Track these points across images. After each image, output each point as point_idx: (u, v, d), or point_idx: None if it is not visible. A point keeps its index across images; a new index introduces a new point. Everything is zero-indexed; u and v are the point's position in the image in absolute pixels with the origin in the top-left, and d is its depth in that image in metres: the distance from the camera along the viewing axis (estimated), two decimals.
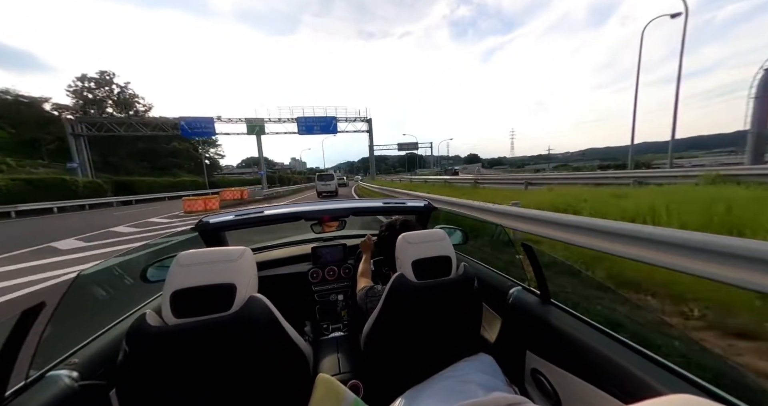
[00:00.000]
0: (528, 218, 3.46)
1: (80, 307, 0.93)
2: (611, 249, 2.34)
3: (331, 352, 1.25)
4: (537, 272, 0.96)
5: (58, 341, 0.79)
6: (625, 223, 2.37)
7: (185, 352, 0.69)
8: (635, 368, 0.67)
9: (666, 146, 12.89)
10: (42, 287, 3.88)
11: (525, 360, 0.96)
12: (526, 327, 0.99)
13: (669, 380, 0.62)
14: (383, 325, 0.92)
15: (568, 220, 2.85)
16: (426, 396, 0.78)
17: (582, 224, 2.66)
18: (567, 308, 0.94)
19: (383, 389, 0.89)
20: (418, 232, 1.00)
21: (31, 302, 0.61)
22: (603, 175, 10.28)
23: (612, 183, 8.87)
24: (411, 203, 1.60)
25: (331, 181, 20.45)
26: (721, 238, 1.75)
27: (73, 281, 0.84)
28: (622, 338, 0.77)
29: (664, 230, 2.04)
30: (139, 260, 1.20)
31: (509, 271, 1.29)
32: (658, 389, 0.61)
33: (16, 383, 0.66)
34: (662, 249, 2.00)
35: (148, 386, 0.69)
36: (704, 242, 1.78)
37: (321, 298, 1.67)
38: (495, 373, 0.88)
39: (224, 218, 1.33)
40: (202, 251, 0.77)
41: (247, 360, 0.74)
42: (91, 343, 0.87)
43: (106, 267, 1.08)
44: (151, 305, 1.11)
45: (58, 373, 0.73)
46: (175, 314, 0.70)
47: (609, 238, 2.37)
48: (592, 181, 9.72)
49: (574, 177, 11.32)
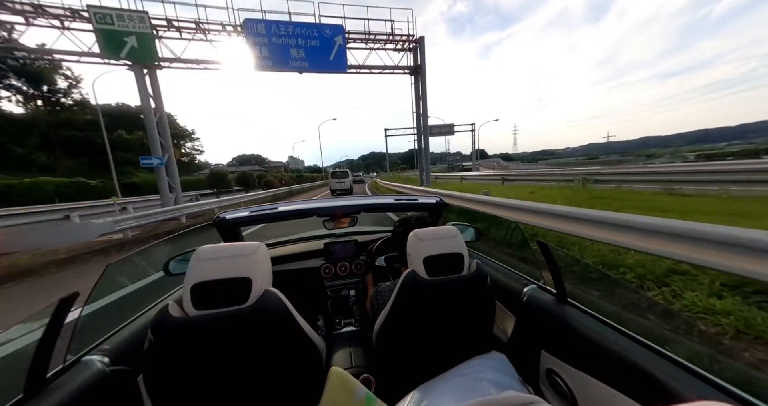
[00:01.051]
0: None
1: (108, 297, 0.99)
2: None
3: (344, 346, 1.28)
4: (553, 271, 0.94)
5: (89, 328, 0.85)
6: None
7: (205, 342, 0.72)
8: (659, 372, 0.64)
9: (670, 141, 11.82)
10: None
11: (539, 360, 0.94)
12: (540, 326, 0.97)
13: (695, 384, 0.60)
14: (394, 321, 0.93)
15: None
16: (437, 392, 0.78)
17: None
18: (585, 308, 0.91)
19: (395, 384, 0.90)
20: (430, 228, 1.00)
21: (66, 292, 0.66)
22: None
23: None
24: (423, 200, 1.60)
25: (345, 179, 19.28)
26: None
27: (102, 273, 0.89)
28: (644, 339, 0.74)
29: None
30: (161, 254, 1.27)
31: (523, 269, 1.27)
32: (684, 394, 0.58)
33: (55, 366, 0.71)
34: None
35: (171, 373, 0.73)
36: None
37: (333, 293, 1.70)
38: (508, 371, 0.87)
39: (240, 214, 1.38)
40: (219, 246, 0.80)
41: (262, 351, 0.77)
42: (120, 331, 0.93)
43: (132, 260, 1.14)
44: (173, 296, 1.16)
45: (92, 358, 0.78)
46: (195, 305, 0.73)
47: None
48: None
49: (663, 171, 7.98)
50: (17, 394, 0.63)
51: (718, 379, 0.59)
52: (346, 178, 19.41)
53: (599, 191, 6.99)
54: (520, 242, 3.26)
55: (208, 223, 1.38)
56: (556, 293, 0.98)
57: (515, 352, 0.99)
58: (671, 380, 0.62)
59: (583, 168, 13.18)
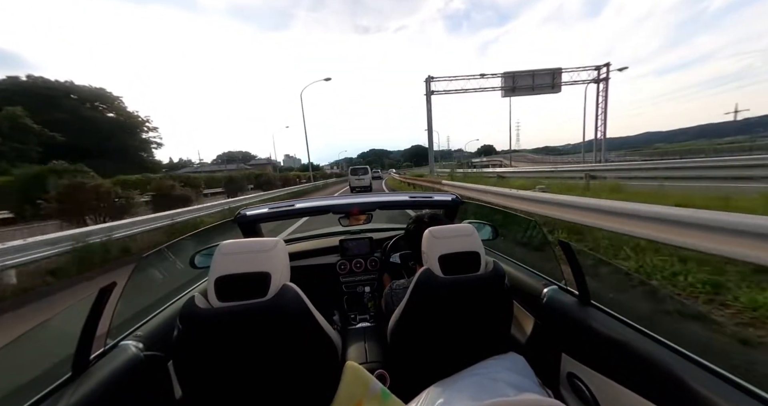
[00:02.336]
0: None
1: (141, 287, 1.07)
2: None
3: (359, 341, 1.30)
4: (576, 272, 0.91)
5: (125, 316, 0.91)
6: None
7: (227, 332, 0.75)
8: (692, 379, 0.60)
9: (672, 136, 10.71)
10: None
11: (560, 363, 0.91)
12: (562, 328, 0.94)
13: (735, 396, 0.56)
14: (409, 318, 0.93)
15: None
16: (452, 391, 0.78)
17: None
18: (610, 310, 0.87)
19: (409, 381, 0.90)
20: (446, 226, 0.98)
21: (105, 282, 0.71)
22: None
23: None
24: (438, 197, 1.58)
25: (365, 176, 19.05)
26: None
27: (136, 264, 0.96)
28: (674, 345, 0.70)
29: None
30: (188, 247, 1.34)
31: (543, 269, 1.23)
32: (720, 405, 0.55)
33: (97, 349, 0.78)
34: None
35: (197, 360, 0.77)
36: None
37: (348, 289, 1.72)
38: (526, 373, 0.85)
39: (259, 210, 1.43)
40: (240, 242, 0.83)
41: (280, 343, 0.80)
42: (152, 319, 0.99)
43: (162, 253, 1.21)
44: (199, 288, 1.23)
45: (128, 343, 0.84)
46: (218, 297, 0.77)
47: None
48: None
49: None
50: (66, 372, 0.70)
51: (760, 390, 0.55)
52: (365, 175, 19.25)
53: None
54: (540, 241, 3.15)
55: (231, 219, 1.45)
56: (578, 294, 0.94)
57: (534, 354, 0.96)
58: (705, 388, 0.58)
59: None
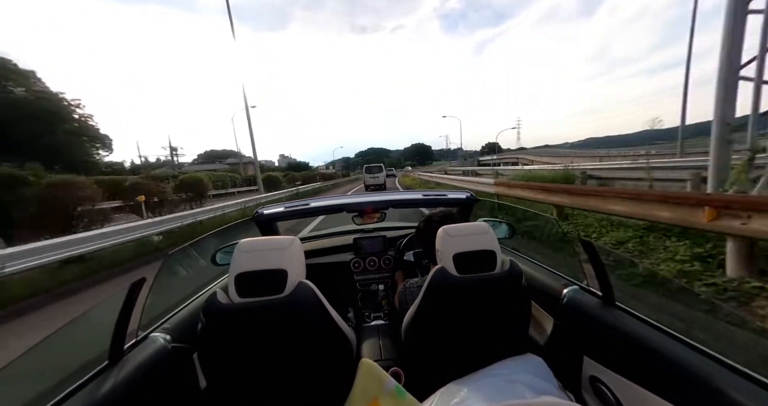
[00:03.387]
0: None
1: (168, 282, 1.13)
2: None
3: (373, 339, 1.31)
4: (598, 271, 0.87)
5: (154, 309, 0.97)
6: None
7: (247, 327, 0.78)
8: (727, 387, 0.57)
9: (672, 133, 9.87)
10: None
11: (582, 366, 0.88)
12: (583, 330, 0.91)
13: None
14: (423, 317, 0.93)
15: None
16: (469, 391, 0.77)
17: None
18: (636, 312, 0.83)
19: (424, 380, 0.90)
20: (460, 224, 0.97)
21: (135, 277, 0.76)
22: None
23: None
24: (452, 195, 1.56)
25: (379, 174, 19.35)
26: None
27: (163, 261, 1.01)
28: (708, 350, 0.66)
29: None
30: (209, 245, 1.40)
31: (563, 268, 1.19)
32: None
33: (130, 340, 0.83)
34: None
35: (220, 353, 0.80)
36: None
37: (362, 287, 1.74)
38: (545, 376, 0.82)
39: (276, 209, 1.48)
40: (258, 240, 0.86)
41: (297, 338, 0.82)
42: (179, 312, 1.05)
43: (186, 251, 1.28)
44: (221, 284, 1.28)
45: (157, 335, 0.89)
46: (238, 293, 0.80)
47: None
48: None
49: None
50: (104, 360, 0.76)
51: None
52: (379, 174, 19.48)
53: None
54: (560, 240, 3.04)
55: (249, 218, 1.50)
56: (602, 295, 0.90)
57: (554, 356, 0.93)
58: (741, 396, 0.54)
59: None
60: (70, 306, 3.49)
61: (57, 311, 3.37)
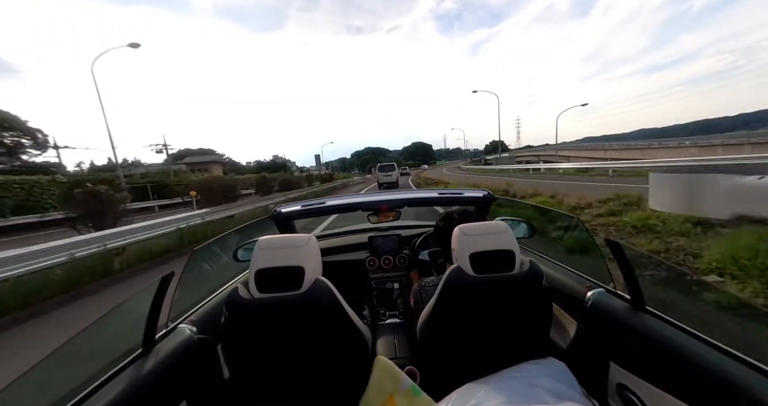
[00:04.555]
0: None
1: (194, 276, 1.19)
2: None
3: (388, 336, 1.31)
4: (627, 274, 0.82)
5: (181, 301, 1.02)
6: None
7: (266, 321, 0.81)
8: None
9: (669, 132, 8.30)
10: None
11: (608, 373, 0.84)
12: (610, 335, 0.87)
13: None
14: (439, 317, 0.92)
15: None
16: (486, 393, 0.76)
17: None
18: (669, 318, 0.78)
19: (439, 379, 0.89)
20: (477, 223, 0.95)
21: (164, 272, 0.81)
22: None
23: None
24: (468, 193, 1.53)
25: (392, 172, 20.35)
26: None
27: (189, 257, 1.06)
28: (748, 358, 0.61)
29: None
30: (231, 242, 1.46)
31: (586, 270, 1.14)
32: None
33: (160, 330, 0.89)
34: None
35: (241, 345, 0.84)
36: None
37: (377, 285, 1.75)
38: (568, 381, 0.79)
39: (293, 208, 1.52)
40: (277, 237, 0.89)
41: (314, 334, 0.84)
42: (204, 306, 1.10)
43: (210, 247, 1.34)
44: (242, 279, 1.33)
45: (184, 327, 0.94)
46: (258, 289, 0.83)
47: None
48: None
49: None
50: (138, 347, 0.81)
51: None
52: (392, 172, 20.45)
53: None
54: (584, 240, 2.91)
55: (268, 216, 1.55)
56: (631, 298, 0.86)
57: (577, 361, 0.90)
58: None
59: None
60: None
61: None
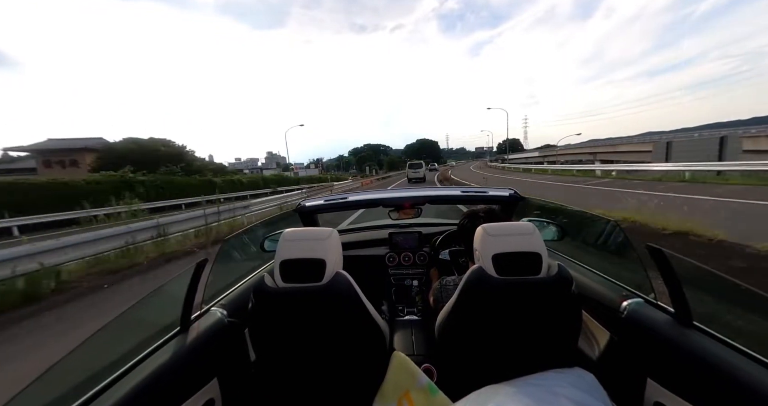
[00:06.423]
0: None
1: (225, 263, 1.27)
2: None
3: (406, 333, 1.31)
4: (671, 284, 0.75)
5: (212, 287, 1.10)
6: None
7: (289, 309, 0.85)
8: None
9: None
10: None
11: (645, 390, 0.78)
12: (649, 349, 0.80)
13: None
14: (458, 317, 0.90)
15: None
16: (505, 397, 0.73)
17: None
18: (720, 335, 0.70)
19: (456, 380, 0.88)
20: (502, 224, 0.91)
21: (199, 258, 0.87)
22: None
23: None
24: (493, 192, 1.47)
25: (420, 169, 24.90)
26: None
27: (221, 245, 1.14)
28: None
29: None
30: (259, 233, 1.54)
31: (623, 278, 1.06)
32: None
33: (195, 312, 0.96)
34: None
35: (266, 330, 0.88)
36: None
37: (396, 281, 1.75)
38: (597, 394, 0.74)
39: (317, 202, 1.56)
40: (301, 230, 0.92)
41: (333, 325, 0.86)
42: (233, 291, 1.17)
43: (240, 237, 1.42)
44: (268, 268, 1.40)
45: (216, 310, 1.01)
46: (283, 278, 0.86)
47: None
48: None
49: None
50: (177, 326, 0.89)
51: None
52: (420, 169, 25.05)
53: None
54: (621, 246, 2.69)
55: (293, 210, 1.61)
56: (675, 311, 0.78)
57: (608, 374, 0.84)
58: None
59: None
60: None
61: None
